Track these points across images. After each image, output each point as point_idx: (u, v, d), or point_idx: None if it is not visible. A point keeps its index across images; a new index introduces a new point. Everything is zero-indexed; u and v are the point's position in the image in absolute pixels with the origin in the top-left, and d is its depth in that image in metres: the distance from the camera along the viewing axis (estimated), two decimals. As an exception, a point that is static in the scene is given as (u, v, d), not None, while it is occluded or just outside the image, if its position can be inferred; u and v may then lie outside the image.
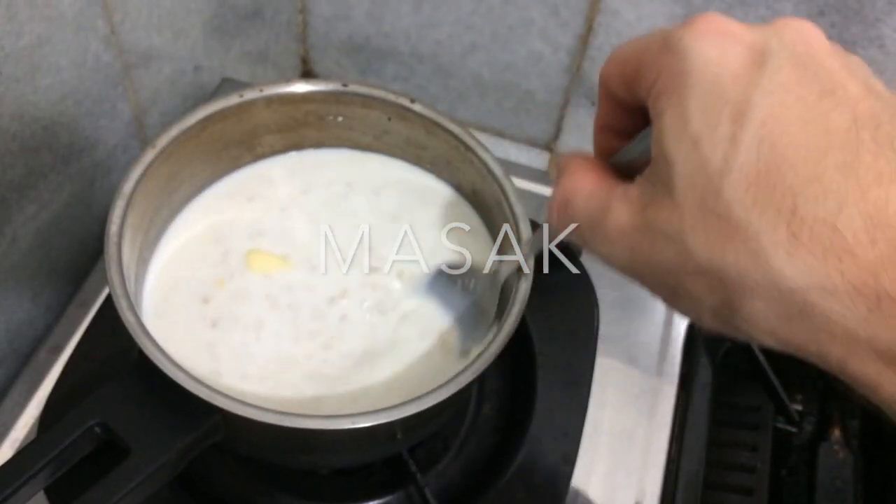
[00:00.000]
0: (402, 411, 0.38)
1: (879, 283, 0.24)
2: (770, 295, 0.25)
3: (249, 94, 0.48)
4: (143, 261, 0.47)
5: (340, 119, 0.51)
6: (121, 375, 0.41)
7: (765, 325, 0.26)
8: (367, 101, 0.50)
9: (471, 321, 0.47)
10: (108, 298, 0.41)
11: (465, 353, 0.45)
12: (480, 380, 0.48)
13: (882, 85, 0.26)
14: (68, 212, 0.59)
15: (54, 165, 0.56)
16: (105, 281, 0.41)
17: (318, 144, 0.53)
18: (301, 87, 0.50)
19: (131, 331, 0.39)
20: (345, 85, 0.50)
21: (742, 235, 0.25)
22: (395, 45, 0.75)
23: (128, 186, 0.44)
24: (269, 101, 0.49)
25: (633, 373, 0.60)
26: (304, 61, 0.81)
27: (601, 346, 0.57)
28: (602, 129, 0.34)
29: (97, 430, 0.39)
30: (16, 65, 0.48)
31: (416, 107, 0.49)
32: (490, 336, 0.43)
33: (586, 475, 0.54)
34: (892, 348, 0.24)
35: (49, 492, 0.41)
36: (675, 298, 0.29)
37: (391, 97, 0.49)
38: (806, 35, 0.27)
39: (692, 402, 0.58)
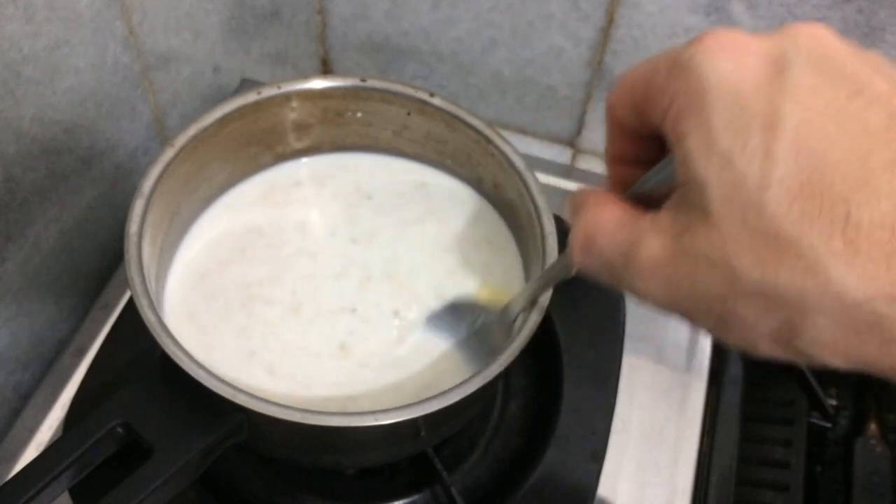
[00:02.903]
0: (426, 408, 0.38)
1: None
2: (834, 310, 0.24)
3: (268, 92, 0.48)
4: (164, 261, 0.47)
5: (360, 115, 0.51)
6: (143, 376, 0.40)
7: (831, 344, 0.24)
8: (386, 95, 0.50)
9: (476, 353, 0.45)
10: (131, 301, 0.41)
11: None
12: (505, 377, 0.47)
13: None
14: (90, 214, 0.59)
15: (75, 168, 0.56)
16: (127, 283, 0.41)
17: (338, 141, 0.53)
18: (319, 84, 0.49)
19: (152, 330, 0.39)
20: (363, 80, 0.49)
21: (794, 251, 0.24)
22: (415, 44, 0.74)
23: (147, 185, 0.43)
24: (288, 97, 0.49)
25: (662, 369, 0.59)
26: (324, 62, 0.80)
27: (629, 343, 0.56)
28: (615, 161, 0.32)
29: (120, 430, 0.39)
30: (34, 66, 0.48)
31: (436, 100, 0.49)
32: (513, 333, 0.42)
33: (615, 473, 0.53)
34: None
35: (73, 493, 0.40)
36: (724, 327, 0.27)
37: (410, 91, 0.49)
38: (820, 37, 0.25)
39: (723, 397, 0.57)
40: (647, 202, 0.28)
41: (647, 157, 0.30)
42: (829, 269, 0.23)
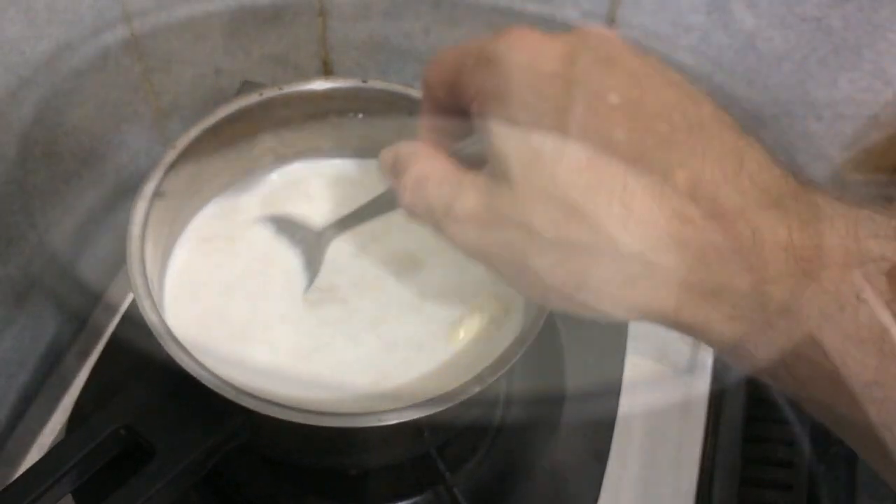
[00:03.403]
0: (428, 409, 0.38)
1: (703, 235, 0.27)
2: (613, 263, 0.28)
3: (269, 93, 0.48)
4: (166, 262, 0.47)
5: (361, 116, 0.51)
6: (146, 377, 0.40)
7: (609, 293, 0.29)
8: (388, 96, 0.50)
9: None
10: (134, 303, 0.41)
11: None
12: (507, 377, 0.47)
13: (680, 77, 0.29)
14: (92, 217, 0.59)
15: (77, 170, 0.56)
16: (129, 285, 0.41)
17: (339, 142, 0.53)
18: (320, 85, 0.49)
19: (155, 331, 0.39)
20: (364, 81, 0.49)
21: (581, 214, 0.28)
22: (415, 44, 0.74)
23: (149, 187, 0.43)
24: (289, 99, 0.49)
25: (665, 368, 0.59)
26: (325, 63, 0.80)
27: (631, 343, 0.56)
28: (429, 129, 0.36)
29: (122, 432, 0.39)
30: (36, 69, 0.49)
31: (437, 101, 0.49)
32: (516, 334, 0.42)
33: (619, 473, 0.53)
34: (714, 287, 0.28)
35: (76, 495, 0.41)
36: (521, 279, 0.31)
37: (411, 92, 0.49)
38: (606, 39, 0.29)
39: (726, 396, 0.57)
40: (467, 163, 0.33)
41: (457, 130, 0.34)
42: (609, 229, 0.28)
